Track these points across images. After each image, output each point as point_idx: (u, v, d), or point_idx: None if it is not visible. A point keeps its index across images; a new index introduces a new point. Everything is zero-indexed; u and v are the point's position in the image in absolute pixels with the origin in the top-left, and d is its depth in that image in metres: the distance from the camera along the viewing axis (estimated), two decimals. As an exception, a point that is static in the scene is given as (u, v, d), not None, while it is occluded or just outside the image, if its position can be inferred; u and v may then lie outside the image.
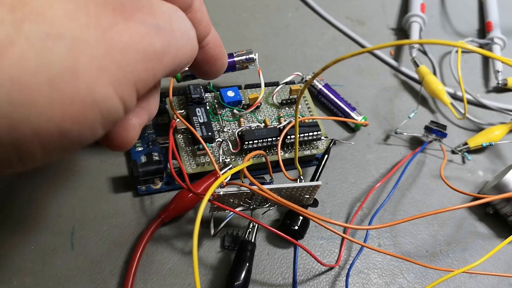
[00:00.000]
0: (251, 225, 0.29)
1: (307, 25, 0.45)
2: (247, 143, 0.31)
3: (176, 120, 0.30)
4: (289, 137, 0.32)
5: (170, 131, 0.28)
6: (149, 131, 0.33)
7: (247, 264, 0.27)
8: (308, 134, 0.32)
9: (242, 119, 0.33)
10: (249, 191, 0.26)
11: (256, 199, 0.28)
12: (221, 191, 0.26)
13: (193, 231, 0.19)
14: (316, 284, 0.29)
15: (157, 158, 0.31)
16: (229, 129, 0.33)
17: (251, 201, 0.28)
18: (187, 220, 0.30)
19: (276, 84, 0.36)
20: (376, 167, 0.36)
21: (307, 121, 0.34)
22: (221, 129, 0.32)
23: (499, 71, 0.44)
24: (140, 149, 0.32)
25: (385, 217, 0.34)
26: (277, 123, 0.34)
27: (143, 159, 0.31)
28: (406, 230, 0.33)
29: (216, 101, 0.33)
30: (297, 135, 0.27)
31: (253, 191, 0.25)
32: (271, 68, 0.41)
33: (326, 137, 0.34)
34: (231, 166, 0.31)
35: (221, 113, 0.33)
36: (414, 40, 0.43)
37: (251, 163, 0.26)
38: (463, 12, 0.53)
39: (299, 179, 0.31)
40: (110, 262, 0.27)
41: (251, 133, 0.31)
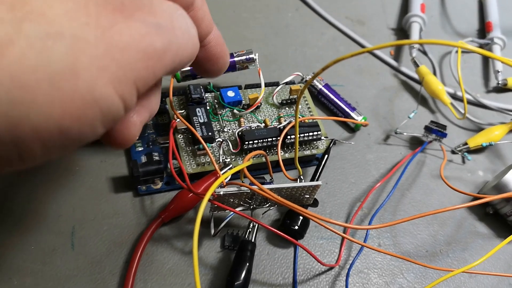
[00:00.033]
0: (251, 225, 0.29)
1: (307, 25, 0.45)
2: (247, 143, 0.31)
3: (176, 120, 0.30)
4: (289, 137, 0.32)
5: (170, 131, 0.28)
6: (149, 131, 0.33)
7: (247, 264, 0.27)
8: (308, 134, 0.32)
9: (242, 119, 0.33)
10: (249, 191, 0.26)
11: (256, 199, 0.28)
12: (221, 191, 0.26)
13: (193, 231, 0.19)
14: (316, 284, 0.29)
15: (157, 158, 0.31)
16: (229, 129, 0.33)
17: (251, 201, 0.28)
18: (187, 220, 0.30)
19: (276, 84, 0.36)
20: (376, 167, 0.36)
21: (307, 121, 0.34)
22: (221, 129, 0.32)
23: (499, 71, 0.44)
24: (140, 149, 0.32)
25: (385, 217, 0.34)
26: (277, 123, 0.34)
27: (143, 159, 0.31)
28: (406, 230, 0.33)
29: (216, 101, 0.33)
30: (297, 135, 0.27)
31: (253, 191, 0.25)
32: (271, 68, 0.41)
33: (326, 137, 0.34)
34: (231, 166, 0.31)
35: (221, 113, 0.33)
36: (414, 40, 0.43)
37: (251, 163, 0.26)
38: (463, 12, 0.53)
39: (299, 179, 0.31)
40: (110, 262, 0.27)
41: (251, 133, 0.31)
